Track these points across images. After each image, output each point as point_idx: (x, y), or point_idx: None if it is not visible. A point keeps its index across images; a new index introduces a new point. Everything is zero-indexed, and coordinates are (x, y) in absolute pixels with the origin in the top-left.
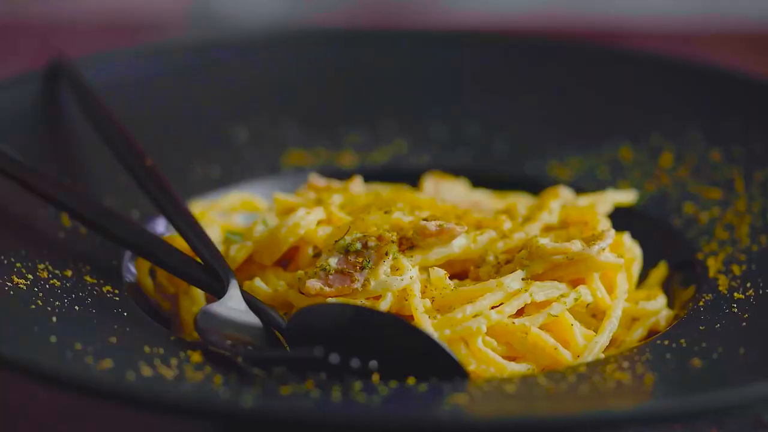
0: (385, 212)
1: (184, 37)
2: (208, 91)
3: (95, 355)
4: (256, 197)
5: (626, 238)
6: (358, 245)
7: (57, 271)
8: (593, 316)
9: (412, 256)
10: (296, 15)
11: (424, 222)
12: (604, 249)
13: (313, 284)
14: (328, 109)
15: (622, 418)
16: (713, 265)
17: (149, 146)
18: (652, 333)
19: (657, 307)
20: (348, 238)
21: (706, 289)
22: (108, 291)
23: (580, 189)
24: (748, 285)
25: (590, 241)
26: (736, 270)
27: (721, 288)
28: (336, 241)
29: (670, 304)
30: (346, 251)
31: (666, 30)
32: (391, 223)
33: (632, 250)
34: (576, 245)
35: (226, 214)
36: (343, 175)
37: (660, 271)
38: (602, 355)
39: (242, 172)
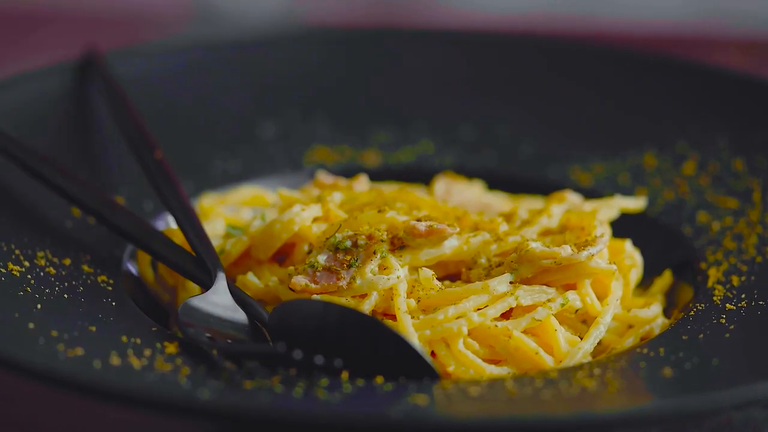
0: (379, 211)
1: (218, 33)
2: (238, 87)
3: (68, 342)
4: (268, 192)
5: (627, 245)
6: (348, 243)
7: (55, 259)
8: (583, 322)
9: (401, 256)
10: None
11: (414, 222)
12: (593, 255)
13: (299, 280)
14: (358, 107)
15: (559, 425)
16: (714, 274)
17: (175, 139)
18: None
19: (650, 315)
20: (339, 236)
21: (701, 298)
22: (103, 281)
23: (598, 195)
24: (743, 296)
25: (582, 246)
26: (735, 281)
27: (715, 298)
28: (327, 239)
29: (669, 313)
30: (336, 249)
31: (700, 36)
32: (385, 222)
33: (633, 257)
34: (565, 250)
35: (236, 208)
36: (367, 174)
37: (665, 279)
38: (588, 360)
39: (263, 168)
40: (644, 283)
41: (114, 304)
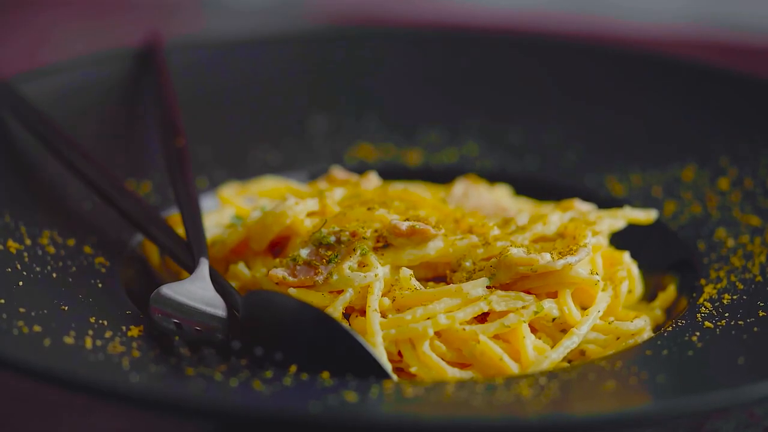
0: (369, 209)
1: (278, 26)
2: (293, 80)
3: (31, 319)
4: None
5: (626, 256)
6: (332, 239)
7: (59, 239)
8: (563, 331)
9: (383, 255)
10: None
11: (396, 221)
12: (572, 264)
13: (277, 272)
14: (409, 106)
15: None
16: (708, 291)
17: (221, 128)
18: None
19: (633, 328)
20: (324, 231)
21: (687, 315)
22: (99, 263)
23: (628, 205)
24: (727, 315)
25: (564, 255)
26: (726, 299)
27: (698, 315)
28: (313, 233)
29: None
30: (319, 244)
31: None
32: (375, 219)
33: (629, 269)
34: (543, 258)
35: (255, 199)
36: (404, 173)
37: (668, 293)
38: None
39: (303, 162)
40: (650, 297)
41: (101, 285)
